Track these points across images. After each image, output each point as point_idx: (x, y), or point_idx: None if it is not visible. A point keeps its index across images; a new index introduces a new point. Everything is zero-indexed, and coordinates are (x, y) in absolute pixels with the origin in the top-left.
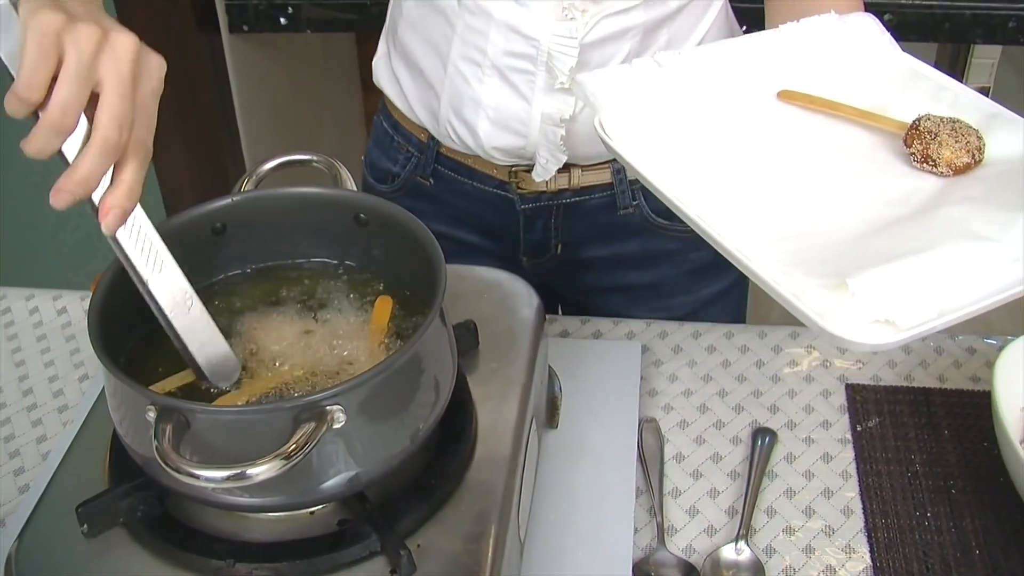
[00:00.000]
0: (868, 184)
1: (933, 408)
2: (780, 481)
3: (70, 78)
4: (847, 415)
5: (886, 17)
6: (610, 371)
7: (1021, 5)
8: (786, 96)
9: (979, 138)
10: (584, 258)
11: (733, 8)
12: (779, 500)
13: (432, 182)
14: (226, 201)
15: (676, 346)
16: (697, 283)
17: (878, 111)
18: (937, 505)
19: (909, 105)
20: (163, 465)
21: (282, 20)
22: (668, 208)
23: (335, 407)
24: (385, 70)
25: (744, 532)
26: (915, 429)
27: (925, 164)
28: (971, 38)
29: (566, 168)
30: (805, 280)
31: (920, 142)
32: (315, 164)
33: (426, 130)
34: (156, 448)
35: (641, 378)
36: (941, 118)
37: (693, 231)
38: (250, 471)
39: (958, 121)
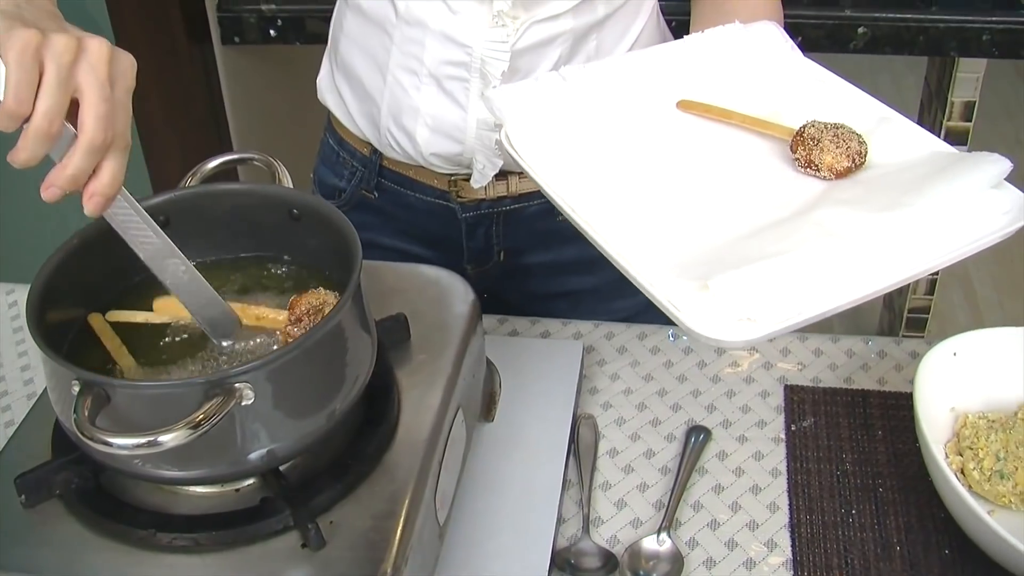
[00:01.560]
0: (755, 189)
1: (869, 409)
2: (710, 477)
3: (51, 88)
4: (783, 415)
5: (860, 30)
6: (551, 369)
7: (995, 18)
8: (684, 106)
9: (861, 143)
10: (526, 264)
11: (666, 17)
12: (707, 495)
13: (376, 195)
14: (168, 195)
15: (621, 346)
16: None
17: (773, 118)
18: (863, 503)
19: (804, 111)
20: (80, 434)
21: (272, 32)
22: None
23: (243, 384)
24: (328, 87)
25: (667, 524)
26: (849, 429)
27: (809, 169)
28: (946, 51)
29: (503, 176)
30: (678, 282)
31: (804, 148)
32: (255, 163)
33: (369, 144)
34: (74, 419)
35: (584, 376)
36: (825, 124)
37: None
38: (161, 438)
39: (841, 127)
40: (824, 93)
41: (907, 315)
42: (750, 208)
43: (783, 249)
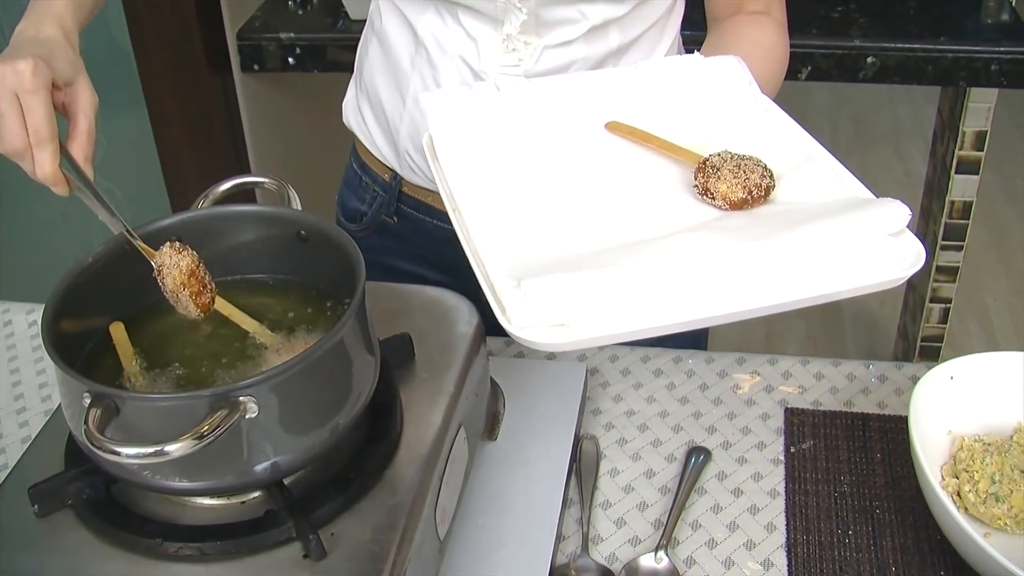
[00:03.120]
0: (647, 211)
1: (868, 433)
2: (708, 497)
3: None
4: (783, 437)
5: (869, 60)
6: (555, 390)
7: (1003, 48)
8: (612, 127)
9: (764, 177)
10: None
11: (688, 44)
12: (705, 515)
13: (396, 220)
14: (181, 216)
15: (625, 369)
16: None
17: (701, 147)
18: (860, 524)
19: (730, 143)
20: (89, 444)
21: (291, 60)
22: None
23: (247, 398)
24: (353, 112)
25: (666, 542)
26: (848, 452)
27: (705, 196)
28: (955, 81)
29: None
30: (504, 281)
31: (703, 175)
32: (267, 186)
33: (390, 170)
34: (84, 430)
35: (588, 398)
36: (732, 155)
37: None
38: (167, 448)
39: (749, 159)
40: (761, 128)
41: (920, 343)
42: (632, 227)
43: (621, 262)
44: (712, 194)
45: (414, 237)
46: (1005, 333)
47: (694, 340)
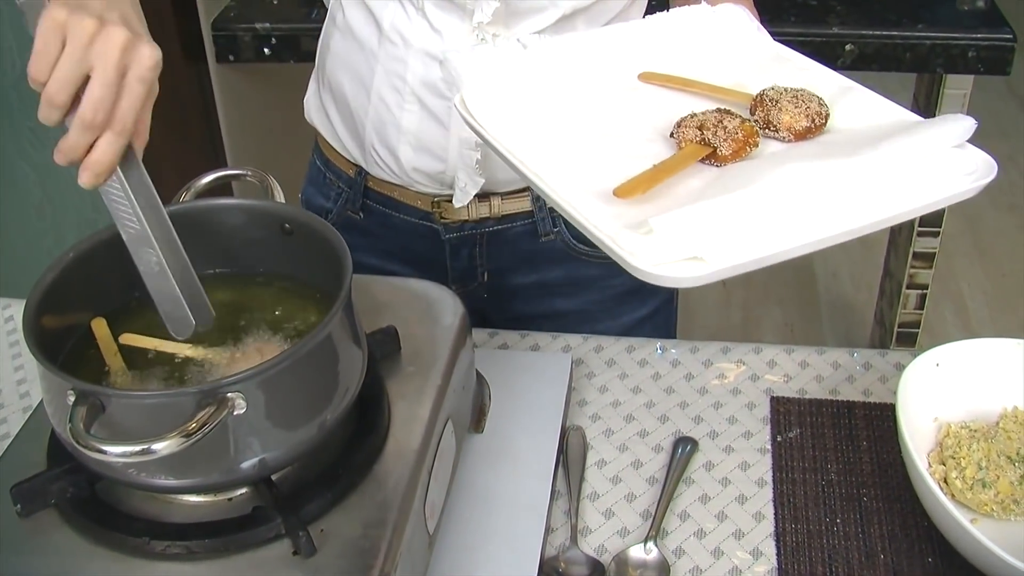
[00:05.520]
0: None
1: (854, 420)
2: (696, 487)
3: (63, 62)
4: (769, 426)
5: (847, 47)
6: (540, 381)
7: (980, 35)
8: (646, 77)
9: (821, 104)
10: (511, 286)
11: None
12: (693, 505)
13: (362, 216)
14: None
15: (610, 359)
16: (622, 308)
17: (736, 88)
18: (847, 512)
19: (766, 81)
20: (75, 443)
21: (266, 51)
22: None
23: (234, 394)
24: (315, 108)
25: (654, 533)
26: (834, 440)
27: (767, 130)
28: (932, 68)
29: (486, 197)
30: (626, 229)
31: (763, 109)
32: (249, 178)
33: (354, 165)
34: (69, 428)
35: (573, 389)
36: (785, 88)
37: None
38: (154, 446)
39: (802, 90)
40: (789, 68)
41: (897, 329)
42: (704, 168)
43: (731, 191)
44: (775, 126)
45: (381, 232)
46: (980, 318)
47: (663, 336)
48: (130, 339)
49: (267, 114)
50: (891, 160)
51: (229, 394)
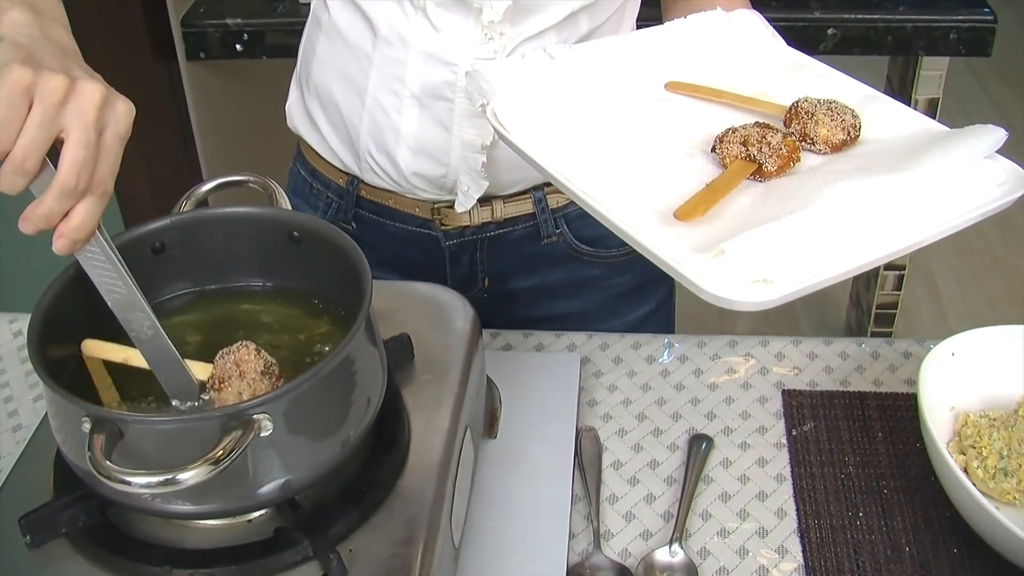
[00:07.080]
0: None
1: (867, 411)
2: (716, 485)
3: (31, 127)
4: (783, 420)
5: (829, 31)
6: (550, 382)
7: (961, 17)
8: (673, 87)
9: (855, 117)
10: (512, 290)
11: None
12: (714, 504)
13: (355, 226)
14: (165, 221)
15: (616, 357)
16: (624, 308)
17: (762, 97)
18: (869, 505)
19: (792, 91)
20: (95, 473)
21: (238, 47)
22: (591, 235)
23: (261, 415)
24: (300, 115)
25: (678, 535)
26: (849, 432)
27: (803, 142)
28: (914, 50)
29: (488, 201)
30: (692, 255)
31: (799, 122)
32: (251, 185)
33: (345, 174)
34: (89, 457)
35: (581, 389)
36: (819, 100)
37: (615, 257)
38: (180, 476)
39: (835, 102)
40: (809, 75)
41: (875, 311)
42: (749, 184)
43: (792, 211)
44: (812, 139)
45: (375, 242)
46: (951, 296)
47: (666, 327)
48: (93, 348)
49: (241, 113)
50: (933, 175)
51: (255, 416)
